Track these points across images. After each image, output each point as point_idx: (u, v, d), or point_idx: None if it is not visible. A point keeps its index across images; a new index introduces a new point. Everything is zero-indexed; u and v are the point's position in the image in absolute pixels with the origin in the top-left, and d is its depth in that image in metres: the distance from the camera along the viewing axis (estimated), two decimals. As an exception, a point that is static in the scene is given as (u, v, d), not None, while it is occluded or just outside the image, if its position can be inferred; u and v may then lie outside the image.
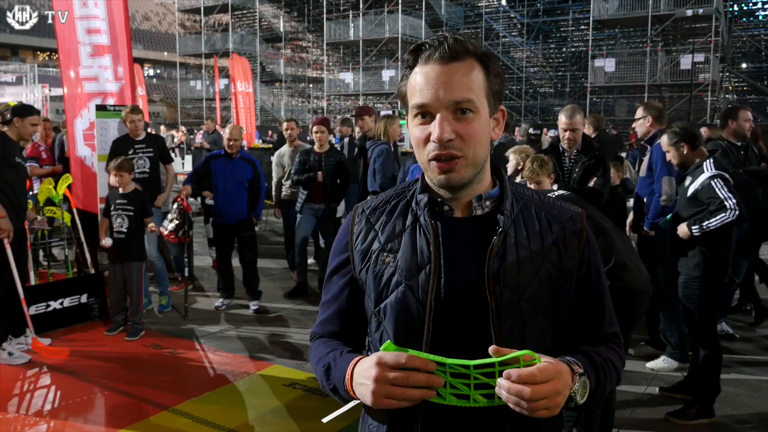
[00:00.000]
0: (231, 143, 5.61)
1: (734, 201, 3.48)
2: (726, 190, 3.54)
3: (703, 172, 3.62)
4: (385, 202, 1.27)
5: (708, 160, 3.65)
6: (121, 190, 4.96)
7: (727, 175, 3.61)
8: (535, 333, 1.15)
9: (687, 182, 3.72)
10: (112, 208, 4.94)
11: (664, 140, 3.91)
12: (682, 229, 3.66)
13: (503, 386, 1.01)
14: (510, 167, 4.09)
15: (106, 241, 4.91)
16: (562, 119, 4.26)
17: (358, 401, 1.14)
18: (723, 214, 3.49)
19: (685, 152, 3.77)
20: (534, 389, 0.99)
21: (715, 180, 3.56)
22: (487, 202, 1.19)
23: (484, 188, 1.20)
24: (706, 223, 3.54)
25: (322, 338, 1.33)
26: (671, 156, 3.86)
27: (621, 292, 2.85)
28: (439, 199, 1.19)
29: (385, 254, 1.20)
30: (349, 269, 1.27)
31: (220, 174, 5.59)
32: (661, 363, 4.31)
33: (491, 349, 1.03)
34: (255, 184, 5.69)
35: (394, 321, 1.17)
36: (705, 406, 3.59)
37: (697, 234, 3.57)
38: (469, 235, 1.17)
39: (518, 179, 3.70)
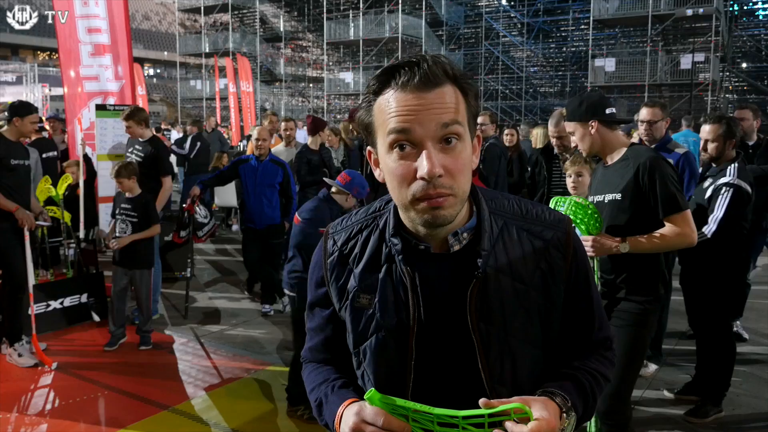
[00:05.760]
0: (259, 143, 5.54)
1: (714, 227, 3.43)
2: (725, 206, 3.46)
3: (724, 176, 3.55)
4: (357, 232, 1.19)
5: (733, 165, 3.54)
6: (128, 195, 4.77)
7: (744, 189, 3.48)
8: (526, 365, 1.11)
9: (707, 183, 3.65)
10: (117, 212, 4.77)
11: (713, 129, 3.62)
12: None
13: None
14: None
15: (112, 243, 4.72)
16: (549, 127, 4.10)
17: None
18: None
19: (730, 149, 3.59)
20: None
21: (727, 189, 3.49)
22: (465, 234, 1.11)
23: (462, 219, 1.10)
24: None
25: (313, 363, 1.30)
26: (713, 148, 3.62)
27: None
28: (414, 241, 1.11)
29: (361, 296, 1.14)
30: (329, 303, 1.22)
31: (249, 178, 5.54)
32: (643, 366, 4.29)
33: (481, 402, 0.96)
34: (286, 187, 5.62)
35: (375, 366, 1.14)
36: (717, 402, 3.64)
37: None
38: (447, 272, 1.10)
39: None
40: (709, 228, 3.48)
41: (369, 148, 1.11)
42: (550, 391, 1.07)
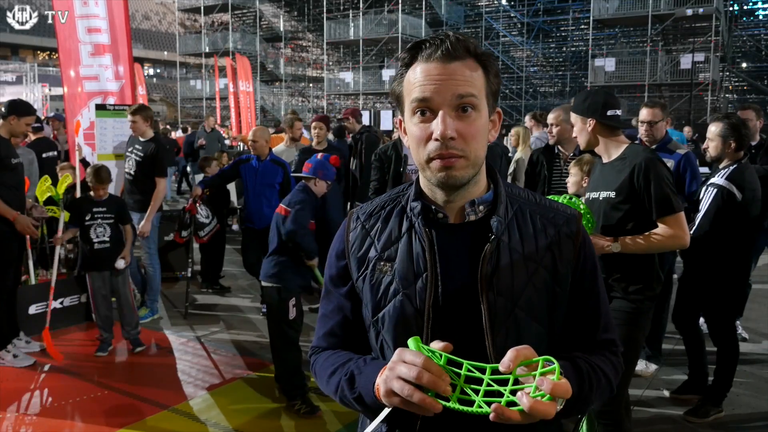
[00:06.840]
0: (252, 144, 5.53)
1: (695, 225, 3.42)
2: (706, 205, 3.45)
3: (714, 176, 3.56)
4: (380, 208, 1.25)
5: (728, 169, 3.53)
6: (101, 197, 4.67)
7: (729, 191, 3.46)
8: (531, 341, 1.10)
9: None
10: (88, 218, 4.63)
11: (717, 129, 3.62)
12: None
13: (525, 402, 0.91)
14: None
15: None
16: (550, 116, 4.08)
17: (390, 409, 1.05)
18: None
19: (729, 149, 3.58)
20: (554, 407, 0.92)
21: (711, 189, 3.49)
22: (481, 207, 1.18)
23: (479, 191, 1.18)
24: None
25: (327, 351, 1.27)
26: (713, 147, 3.62)
27: None
28: (433, 207, 1.18)
29: (382, 263, 1.18)
30: (348, 277, 1.25)
31: (249, 177, 5.52)
32: (643, 366, 4.29)
33: (512, 352, 0.95)
34: (286, 187, 5.54)
35: (393, 330, 1.16)
36: (717, 402, 3.64)
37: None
38: (463, 242, 1.16)
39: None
40: (693, 226, 3.48)
41: (399, 117, 1.22)
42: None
